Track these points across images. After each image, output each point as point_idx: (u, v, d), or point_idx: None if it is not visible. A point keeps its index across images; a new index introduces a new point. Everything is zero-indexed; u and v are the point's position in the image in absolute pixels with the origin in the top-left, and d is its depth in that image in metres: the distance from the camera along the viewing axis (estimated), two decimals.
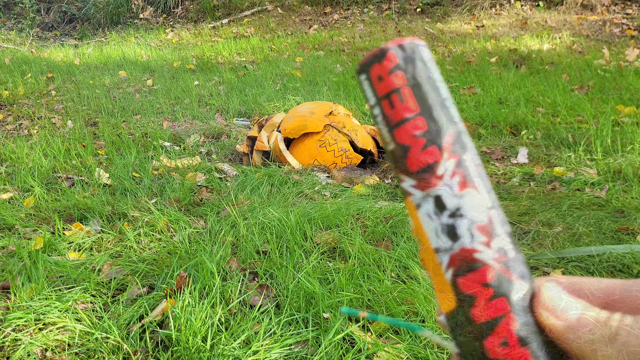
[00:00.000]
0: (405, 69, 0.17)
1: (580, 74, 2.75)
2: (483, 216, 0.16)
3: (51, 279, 1.01)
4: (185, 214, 1.31)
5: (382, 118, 0.17)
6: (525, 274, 0.16)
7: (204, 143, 2.02)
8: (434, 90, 0.17)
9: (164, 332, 0.84)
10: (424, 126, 0.17)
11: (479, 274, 0.15)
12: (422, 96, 0.17)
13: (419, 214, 0.16)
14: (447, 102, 0.17)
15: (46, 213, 1.32)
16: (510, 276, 0.15)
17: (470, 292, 0.15)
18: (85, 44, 4.44)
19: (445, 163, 0.16)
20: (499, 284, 0.15)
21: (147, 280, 1.01)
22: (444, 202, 0.16)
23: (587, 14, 4.09)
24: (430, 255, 0.17)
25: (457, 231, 0.16)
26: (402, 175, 0.17)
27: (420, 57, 0.17)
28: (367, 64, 0.18)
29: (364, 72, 0.18)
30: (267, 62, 3.51)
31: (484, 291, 0.15)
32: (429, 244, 0.16)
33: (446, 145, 0.16)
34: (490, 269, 0.15)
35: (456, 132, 0.17)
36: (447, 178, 0.16)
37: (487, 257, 0.15)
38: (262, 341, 0.83)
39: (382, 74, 0.17)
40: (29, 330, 0.86)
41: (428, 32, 4.18)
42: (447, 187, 0.16)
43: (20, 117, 2.37)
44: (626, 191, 1.40)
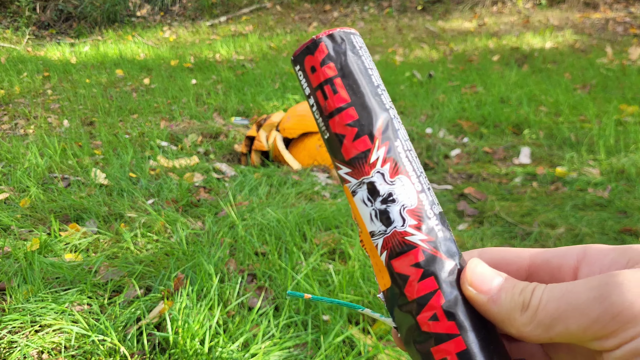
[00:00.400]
0: (337, 59, 0.17)
1: (583, 73, 2.75)
2: (413, 200, 0.17)
3: (47, 281, 1.00)
4: (182, 215, 1.30)
5: (317, 108, 0.18)
6: (454, 252, 0.17)
7: (201, 143, 2.00)
8: (365, 78, 0.18)
9: (162, 335, 0.83)
10: (355, 115, 0.17)
11: (410, 256, 0.17)
12: (353, 86, 0.17)
13: (355, 200, 0.17)
14: (378, 90, 0.18)
15: (42, 213, 1.30)
16: (440, 256, 0.17)
17: (403, 273, 0.17)
18: (82, 42, 4.41)
19: (377, 151, 0.17)
20: (428, 264, 0.17)
21: (144, 282, 1.00)
22: (377, 188, 0.17)
23: (590, 12, 4.08)
24: (367, 239, 0.18)
25: (390, 216, 0.17)
26: (338, 163, 0.18)
27: (352, 47, 0.18)
28: (301, 55, 0.18)
29: (298, 63, 0.18)
30: (265, 61, 3.49)
31: (415, 271, 0.17)
32: (365, 228, 0.17)
33: (377, 134, 0.17)
34: (421, 251, 0.17)
35: (387, 119, 0.17)
36: (379, 166, 0.17)
37: (417, 240, 0.17)
38: (261, 344, 0.82)
39: (315, 65, 0.18)
40: (25, 332, 0.85)
41: (429, 30, 4.16)
42: (380, 174, 0.17)
43: (16, 117, 2.35)
44: (629, 191, 1.39)
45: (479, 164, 1.75)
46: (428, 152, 1.86)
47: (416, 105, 2.41)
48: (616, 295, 0.14)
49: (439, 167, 1.75)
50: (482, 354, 0.16)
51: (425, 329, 0.17)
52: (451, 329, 0.16)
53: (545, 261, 0.17)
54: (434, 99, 2.50)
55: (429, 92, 2.61)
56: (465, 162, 1.79)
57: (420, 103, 2.44)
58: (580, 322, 0.14)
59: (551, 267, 0.17)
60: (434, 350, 0.16)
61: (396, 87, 2.69)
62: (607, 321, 0.14)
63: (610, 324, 0.14)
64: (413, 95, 2.57)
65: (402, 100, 2.49)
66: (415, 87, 2.73)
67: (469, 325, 0.16)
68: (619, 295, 0.13)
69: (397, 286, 0.17)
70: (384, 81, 2.80)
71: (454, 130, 2.10)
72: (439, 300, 0.16)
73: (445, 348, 0.16)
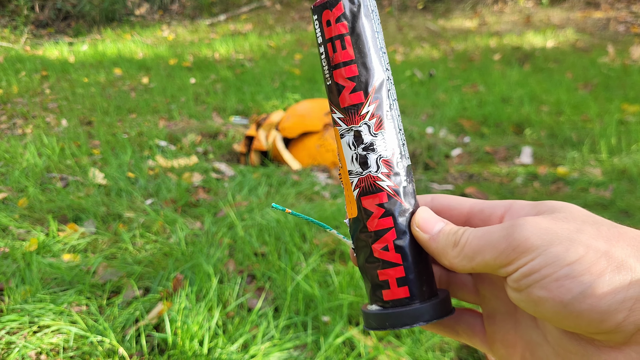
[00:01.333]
0: (350, 19, 0.20)
1: (585, 72, 2.74)
2: (389, 153, 0.20)
3: (45, 281, 0.99)
4: (181, 215, 1.29)
5: (325, 57, 0.21)
6: (412, 201, 0.21)
7: (200, 142, 1.99)
8: (372, 41, 0.20)
9: (160, 336, 0.83)
10: (356, 72, 0.20)
11: (377, 197, 0.21)
12: (359, 45, 0.20)
13: (342, 142, 0.21)
14: (380, 52, 0.21)
15: (40, 214, 1.30)
16: (400, 201, 0.21)
17: (368, 209, 0.21)
18: (80, 41, 4.40)
19: (368, 107, 0.20)
20: (390, 206, 0.21)
21: (143, 283, 0.99)
22: (362, 137, 0.20)
23: (592, 11, 4.08)
24: (345, 174, 0.21)
25: (367, 161, 0.20)
26: (333, 107, 0.21)
27: (365, 10, 0.20)
28: (320, 7, 0.21)
29: (317, 13, 0.21)
30: (265, 60, 3.48)
31: (378, 210, 0.21)
32: (345, 166, 0.21)
33: (371, 92, 0.20)
34: (386, 194, 0.21)
35: (382, 79, 0.20)
36: (367, 119, 0.20)
37: (385, 185, 0.20)
38: (261, 345, 0.81)
39: (331, 20, 0.20)
40: (23, 333, 0.85)
41: (430, 29, 4.15)
42: (366, 125, 0.20)
43: (14, 116, 2.34)
44: (631, 191, 1.39)
45: (480, 164, 1.75)
46: (429, 151, 1.85)
47: (417, 105, 2.40)
48: (517, 233, 0.17)
49: (440, 166, 1.74)
50: (415, 281, 0.20)
51: (376, 255, 0.21)
52: (396, 259, 0.21)
53: (480, 210, 0.21)
54: (435, 98, 2.49)
55: (429, 91, 2.60)
56: (466, 161, 1.78)
57: (421, 102, 2.43)
58: (492, 254, 0.18)
59: (484, 215, 0.21)
60: (380, 272, 0.21)
61: (397, 86, 2.69)
62: (509, 252, 0.17)
63: (511, 254, 0.17)
64: (414, 95, 2.56)
65: (402, 99, 2.48)
66: (416, 86, 2.72)
67: (410, 258, 0.20)
68: (519, 233, 0.17)
69: (361, 218, 0.21)
70: None
71: (455, 129, 2.10)
72: (392, 235, 0.21)
73: (388, 272, 0.21)
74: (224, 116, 2.37)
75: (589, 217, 0.18)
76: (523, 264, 0.17)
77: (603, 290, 0.15)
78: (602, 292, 0.15)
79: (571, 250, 0.16)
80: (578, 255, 0.16)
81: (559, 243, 0.16)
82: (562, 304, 0.16)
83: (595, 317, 0.16)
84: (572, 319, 0.16)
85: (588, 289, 0.16)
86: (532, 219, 0.18)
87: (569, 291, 0.16)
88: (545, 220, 0.17)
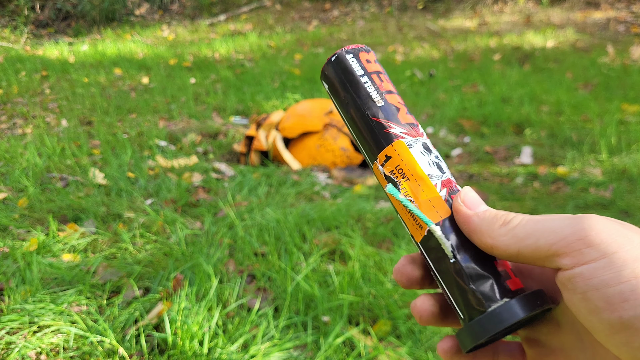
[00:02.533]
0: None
1: (585, 72, 2.74)
2: (443, 162, 0.23)
3: (45, 281, 0.99)
4: (181, 215, 1.29)
5: (372, 84, 0.23)
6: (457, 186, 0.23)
7: (200, 142, 1.99)
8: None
9: (160, 336, 0.83)
10: (402, 100, 0.24)
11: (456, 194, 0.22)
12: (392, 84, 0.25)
13: (412, 151, 0.22)
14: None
15: (40, 213, 1.30)
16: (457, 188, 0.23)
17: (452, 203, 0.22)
18: (80, 41, 4.39)
19: (420, 127, 0.24)
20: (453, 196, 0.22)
21: (143, 283, 0.99)
22: (429, 147, 0.23)
23: (592, 11, 4.07)
24: (415, 182, 0.22)
25: (442, 167, 0.22)
26: (392, 124, 0.23)
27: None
28: (356, 50, 0.24)
29: (353, 54, 0.24)
30: (265, 60, 3.48)
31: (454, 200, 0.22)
32: (421, 171, 0.22)
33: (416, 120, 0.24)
34: (458, 189, 0.22)
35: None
36: (425, 136, 0.23)
37: (458, 187, 0.22)
38: (260, 345, 0.81)
39: (370, 60, 0.24)
40: (23, 333, 0.85)
41: (430, 29, 4.15)
42: (427, 141, 0.23)
43: (14, 116, 2.34)
44: (631, 191, 1.39)
45: (480, 164, 1.75)
46: None
47: (417, 105, 2.40)
48: (587, 223, 0.15)
49: None
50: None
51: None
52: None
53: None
54: (435, 98, 2.49)
55: (429, 91, 2.60)
56: (466, 161, 1.78)
57: (421, 102, 2.43)
58: (549, 238, 0.16)
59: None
60: (496, 263, 0.20)
61: (397, 86, 2.68)
62: (573, 241, 0.15)
63: (575, 243, 0.15)
64: (414, 94, 2.56)
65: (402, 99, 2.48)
66: (416, 86, 2.72)
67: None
68: (589, 223, 0.15)
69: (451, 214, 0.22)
70: None
71: (455, 129, 2.10)
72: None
73: (503, 262, 0.20)
74: (224, 116, 2.37)
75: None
76: (584, 262, 0.15)
77: None
78: None
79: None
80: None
81: (632, 249, 0.14)
82: (620, 321, 0.14)
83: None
84: (625, 339, 0.14)
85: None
86: (602, 217, 0.16)
87: (632, 308, 0.14)
88: (616, 221, 0.16)
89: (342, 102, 0.24)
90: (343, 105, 0.24)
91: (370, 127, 0.23)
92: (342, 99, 0.24)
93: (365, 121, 0.23)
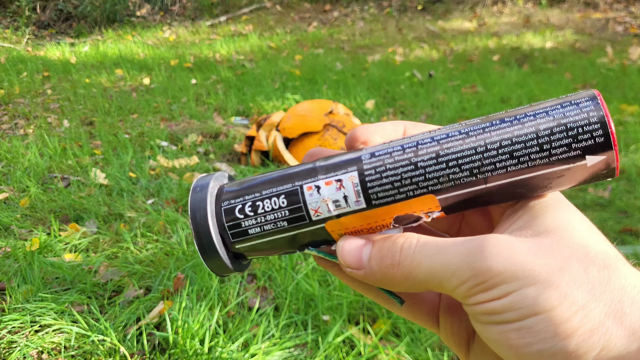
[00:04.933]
0: None
1: (584, 73, 2.74)
2: None
3: (47, 281, 1.00)
4: (182, 215, 1.29)
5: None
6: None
7: (201, 142, 2.00)
8: None
9: (161, 335, 0.83)
10: None
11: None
12: None
13: None
14: None
15: (42, 213, 1.30)
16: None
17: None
18: (82, 42, 4.41)
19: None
20: None
21: (144, 282, 1.00)
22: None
23: (590, 12, 4.08)
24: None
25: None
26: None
27: None
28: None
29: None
30: (265, 60, 3.48)
31: None
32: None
33: None
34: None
35: None
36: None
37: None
38: (261, 344, 0.81)
39: None
40: (25, 332, 0.85)
41: (429, 30, 4.16)
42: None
43: (16, 117, 2.35)
44: (630, 191, 1.39)
45: None
46: None
47: (416, 105, 2.40)
48: (485, 260, 0.14)
49: None
50: None
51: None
52: None
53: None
54: (434, 98, 2.49)
55: (429, 92, 2.60)
56: None
57: (421, 103, 2.43)
58: (451, 282, 0.15)
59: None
60: None
61: (396, 86, 2.69)
62: (473, 283, 0.15)
63: (476, 287, 0.15)
64: (413, 95, 2.57)
65: (402, 100, 2.49)
66: (415, 86, 2.72)
67: None
68: (488, 260, 0.14)
69: None
70: (385, 81, 2.80)
71: None
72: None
73: None
74: (224, 116, 2.38)
75: (580, 248, 0.15)
76: (486, 300, 0.14)
77: (563, 356, 0.13)
78: (561, 358, 0.13)
79: (544, 297, 0.14)
80: (550, 304, 0.14)
81: (534, 284, 0.14)
82: (517, 355, 0.14)
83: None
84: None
85: (550, 349, 0.14)
86: (507, 244, 0.15)
87: (528, 345, 0.14)
88: (525, 249, 0.14)
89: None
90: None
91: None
92: None
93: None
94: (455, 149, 0.16)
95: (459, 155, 0.16)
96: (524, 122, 0.16)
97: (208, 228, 0.18)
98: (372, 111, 2.26)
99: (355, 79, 2.83)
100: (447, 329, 0.20)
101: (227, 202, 0.18)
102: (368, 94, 2.53)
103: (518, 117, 0.16)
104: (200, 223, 0.18)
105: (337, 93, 2.56)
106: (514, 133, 0.16)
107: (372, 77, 2.86)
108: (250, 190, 0.18)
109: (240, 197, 0.18)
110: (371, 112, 2.24)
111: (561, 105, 0.16)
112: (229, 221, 0.18)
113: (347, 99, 2.43)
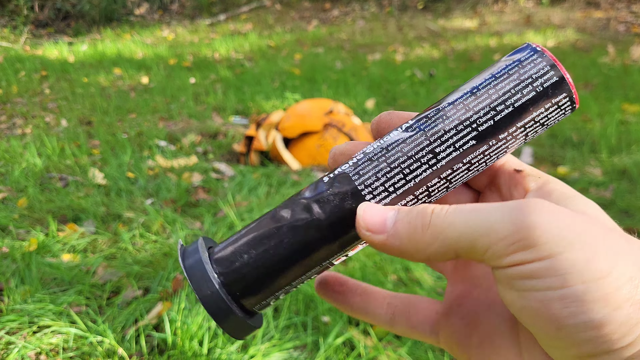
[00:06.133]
0: None
1: (585, 72, 2.73)
2: None
3: (45, 281, 0.99)
4: (181, 215, 1.29)
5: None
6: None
7: (200, 142, 1.99)
8: None
9: (160, 336, 0.82)
10: None
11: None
12: None
13: None
14: None
15: (40, 214, 1.29)
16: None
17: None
18: (80, 41, 4.39)
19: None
20: None
21: (143, 283, 0.99)
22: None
23: (592, 11, 4.07)
24: None
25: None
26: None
27: None
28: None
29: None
30: (265, 59, 3.48)
31: None
32: None
33: None
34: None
35: None
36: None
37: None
38: (260, 345, 0.81)
39: None
40: (23, 333, 0.84)
41: (430, 29, 4.15)
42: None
43: (13, 116, 2.34)
44: (631, 191, 1.39)
45: None
46: None
47: (417, 104, 2.40)
48: (530, 217, 0.13)
49: None
50: None
51: None
52: None
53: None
54: (435, 98, 2.49)
55: (430, 91, 2.60)
56: None
57: (421, 102, 2.43)
58: (488, 239, 0.13)
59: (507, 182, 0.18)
60: None
61: (397, 86, 2.68)
62: (514, 240, 0.13)
63: (516, 244, 0.13)
64: (414, 94, 2.56)
65: (402, 99, 2.48)
66: (416, 86, 2.72)
67: None
68: (533, 218, 0.13)
69: None
70: (385, 80, 2.79)
71: None
72: None
73: None
74: (223, 116, 2.37)
75: (616, 227, 0.14)
76: (525, 261, 0.13)
77: (614, 327, 0.12)
78: (611, 329, 0.12)
79: (593, 264, 0.12)
80: (600, 273, 0.12)
81: (580, 248, 0.12)
82: (557, 327, 0.13)
83: (592, 350, 0.13)
84: (562, 345, 0.13)
85: (599, 320, 0.12)
86: (551, 205, 0.13)
87: (572, 316, 0.12)
88: (568, 213, 0.13)
89: None
90: None
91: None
92: None
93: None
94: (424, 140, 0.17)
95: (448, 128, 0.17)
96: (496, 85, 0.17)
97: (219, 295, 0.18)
98: (372, 110, 2.26)
99: (355, 78, 2.82)
100: (449, 330, 0.18)
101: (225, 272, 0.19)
102: (368, 93, 2.53)
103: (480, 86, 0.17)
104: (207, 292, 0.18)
105: (337, 92, 2.55)
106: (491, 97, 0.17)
107: (373, 76, 2.85)
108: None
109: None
110: (371, 112, 2.24)
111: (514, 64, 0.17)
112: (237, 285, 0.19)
113: (347, 99, 2.42)
